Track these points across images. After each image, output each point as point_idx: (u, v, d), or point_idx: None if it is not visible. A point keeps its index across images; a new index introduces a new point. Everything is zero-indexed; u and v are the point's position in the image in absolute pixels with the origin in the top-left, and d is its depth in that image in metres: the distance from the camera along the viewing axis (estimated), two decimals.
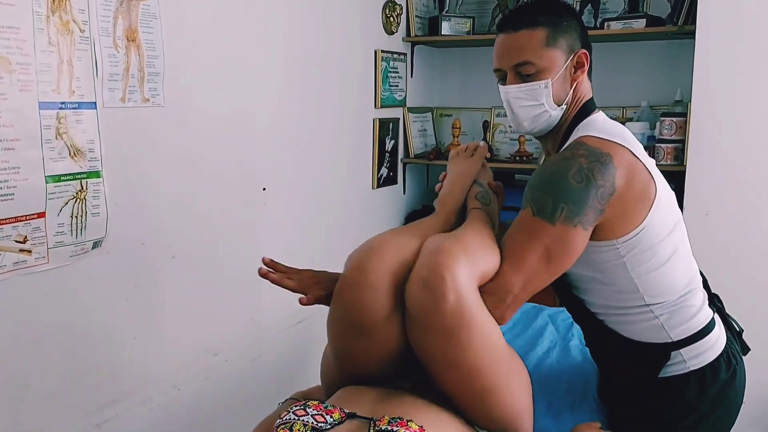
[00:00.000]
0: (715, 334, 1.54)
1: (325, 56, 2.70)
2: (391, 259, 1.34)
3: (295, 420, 1.23)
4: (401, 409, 1.27)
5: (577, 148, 1.42)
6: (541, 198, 1.38)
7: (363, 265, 1.34)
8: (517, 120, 1.57)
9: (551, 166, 1.44)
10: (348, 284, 1.35)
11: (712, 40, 2.51)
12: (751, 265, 2.55)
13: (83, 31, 1.70)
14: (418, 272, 1.28)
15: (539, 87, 1.50)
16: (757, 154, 2.51)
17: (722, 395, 1.53)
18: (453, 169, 1.71)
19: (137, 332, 1.97)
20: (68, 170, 1.69)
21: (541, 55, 1.49)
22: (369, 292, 1.31)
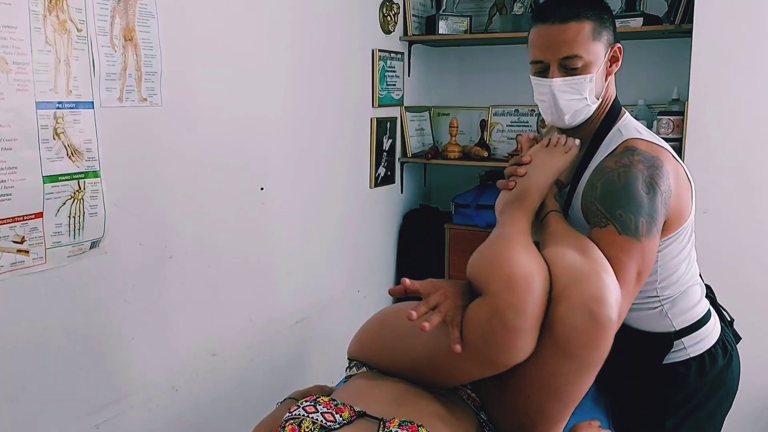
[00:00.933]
0: (712, 323, 1.63)
1: (322, 55, 2.69)
2: (538, 290, 1.25)
3: (304, 416, 1.22)
4: (414, 412, 1.27)
5: (631, 154, 1.46)
6: (623, 216, 1.39)
7: (520, 306, 1.23)
8: (558, 113, 1.55)
9: (617, 176, 1.43)
10: (503, 326, 1.24)
11: (709, 39, 2.51)
12: (749, 264, 2.56)
13: (80, 30, 1.70)
14: (583, 303, 1.23)
15: (585, 81, 1.50)
16: (754, 152, 2.51)
17: (720, 380, 1.62)
18: (545, 160, 1.57)
19: (135, 333, 1.96)
20: (66, 170, 1.69)
21: (588, 49, 1.49)
22: (522, 338, 1.24)
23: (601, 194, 1.44)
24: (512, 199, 1.53)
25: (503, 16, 3.24)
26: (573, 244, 1.35)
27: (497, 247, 1.33)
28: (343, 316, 2.98)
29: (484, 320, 1.25)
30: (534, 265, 1.27)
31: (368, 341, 1.57)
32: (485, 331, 1.25)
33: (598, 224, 1.41)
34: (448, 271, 3.32)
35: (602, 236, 1.39)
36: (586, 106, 1.54)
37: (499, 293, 1.24)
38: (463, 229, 3.26)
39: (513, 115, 3.40)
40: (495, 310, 1.23)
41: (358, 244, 3.08)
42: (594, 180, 1.48)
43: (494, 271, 1.27)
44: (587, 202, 1.47)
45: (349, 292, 3.04)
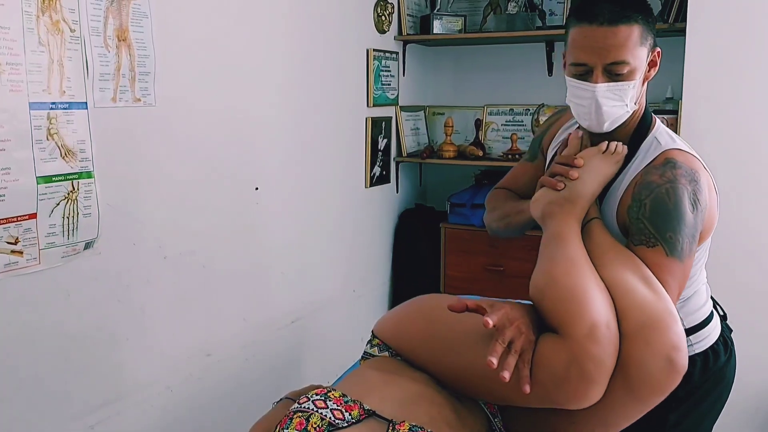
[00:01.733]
0: (714, 321, 1.65)
1: (317, 55, 2.69)
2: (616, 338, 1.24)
3: (313, 411, 1.21)
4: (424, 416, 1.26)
5: (673, 167, 1.43)
6: (673, 238, 1.38)
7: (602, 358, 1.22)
8: (599, 120, 1.47)
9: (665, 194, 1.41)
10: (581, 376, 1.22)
11: (703, 38, 2.52)
12: (744, 263, 2.56)
13: (74, 30, 1.70)
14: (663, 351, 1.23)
15: (628, 87, 1.44)
16: (747, 150, 2.52)
17: (722, 374, 1.65)
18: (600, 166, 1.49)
19: (130, 333, 1.96)
20: (59, 171, 1.69)
21: (635, 55, 1.42)
22: (598, 388, 1.23)
23: (650, 213, 1.41)
24: (560, 202, 1.46)
25: (497, 16, 3.24)
26: (633, 270, 1.34)
27: (571, 277, 1.30)
28: (338, 316, 2.98)
29: (561, 366, 1.23)
30: (610, 310, 1.26)
31: (409, 333, 1.51)
32: (560, 378, 1.23)
33: (645, 243, 1.40)
34: (444, 270, 3.32)
35: (650, 256, 1.38)
36: (626, 113, 1.48)
37: (580, 341, 1.22)
38: (458, 228, 3.26)
39: (508, 115, 3.40)
40: (574, 359, 1.21)
41: (354, 244, 3.08)
42: (641, 196, 1.44)
43: (573, 311, 1.25)
44: (633, 218, 1.43)
45: (345, 292, 3.04)
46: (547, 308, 1.30)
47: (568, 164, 1.50)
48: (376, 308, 3.30)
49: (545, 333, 1.30)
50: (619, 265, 1.35)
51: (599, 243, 1.41)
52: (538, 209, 1.51)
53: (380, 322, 1.60)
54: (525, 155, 1.88)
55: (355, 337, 2.96)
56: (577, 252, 1.36)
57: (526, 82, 3.37)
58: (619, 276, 1.32)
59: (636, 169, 1.50)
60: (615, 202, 1.50)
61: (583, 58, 1.44)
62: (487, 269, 3.20)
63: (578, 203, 1.46)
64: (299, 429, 1.17)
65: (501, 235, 1.83)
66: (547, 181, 1.51)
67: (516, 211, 1.70)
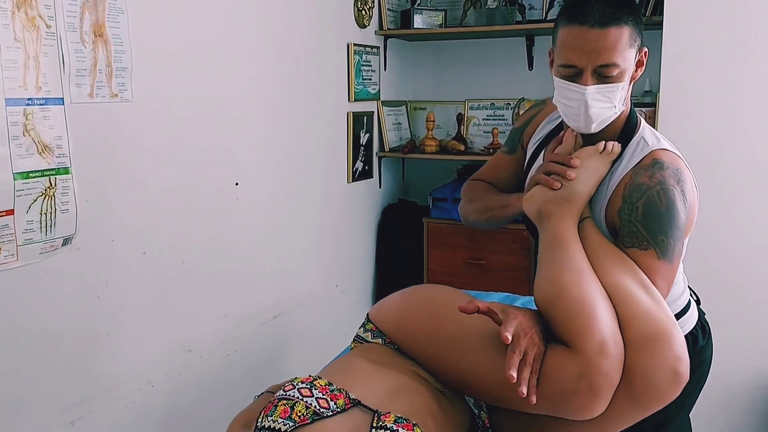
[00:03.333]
0: (692, 308, 1.69)
1: (297, 50, 2.69)
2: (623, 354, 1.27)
3: (298, 399, 1.21)
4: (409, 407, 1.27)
5: (661, 169, 1.46)
6: (665, 242, 1.42)
7: (612, 376, 1.24)
8: (587, 121, 1.47)
9: (657, 197, 1.42)
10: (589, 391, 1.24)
11: (679, 31, 2.54)
12: (720, 254, 2.59)
13: (49, 26, 1.69)
14: (669, 363, 1.26)
15: (617, 89, 1.44)
16: (723, 143, 2.54)
17: (701, 358, 1.67)
18: (597, 167, 1.50)
19: (109, 329, 1.96)
20: (36, 167, 1.68)
21: (625, 57, 1.42)
22: (605, 402, 1.26)
23: (643, 217, 1.43)
24: (558, 201, 1.46)
25: (477, 10, 3.25)
26: (632, 276, 1.37)
27: (579, 289, 1.32)
28: (321, 311, 2.99)
29: (570, 380, 1.24)
30: (615, 323, 1.29)
31: (410, 326, 1.50)
32: (569, 392, 1.25)
33: (637, 245, 1.42)
34: (426, 265, 3.33)
35: (642, 259, 1.42)
36: (614, 114, 1.48)
37: (591, 357, 1.24)
38: (441, 222, 3.28)
39: (489, 109, 3.42)
40: (584, 374, 1.23)
41: (336, 239, 3.08)
42: (632, 198, 1.45)
43: (583, 326, 1.26)
44: (625, 221, 1.45)
45: (328, 287, 3.05)
46: (556, 320, 1.32)
47: (564, 163, 1.50)
48: (360, 303, 3.31)
49: (553, 344, 1.31)
50: (618, 270, 1.37)
51: (596, 245, 1.43)
52: (534, 207, 1.50)
53: (378, 307, 1.60)
54: (503, 147, 1.88)
55: (338, 332, 2.97)
56: (582, 260, 1.38)
57: (507, 77, 3.39)
58: (621, 283, 1.34)
59: (624, 169, 1.50)
60: (603, 202, 1.51)
61: (573, 60, 1.43)
62: (468, 263, 3.21)
63: (576, 203, 1.47)
64: (284, 417, 1.18)
65: (478, 226, 1.84)
66: (543, 179, 1.51)
67: (500, 204, 1.70)
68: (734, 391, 2.67)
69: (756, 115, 2.50)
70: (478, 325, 1.38)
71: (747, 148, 2.53)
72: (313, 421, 1.17)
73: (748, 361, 2.62)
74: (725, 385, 2.63)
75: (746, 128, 2.51)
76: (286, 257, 2.73)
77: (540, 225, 1.49)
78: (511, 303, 2.26)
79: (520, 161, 1.80)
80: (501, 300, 2.30)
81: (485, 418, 1.45)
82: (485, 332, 1.37)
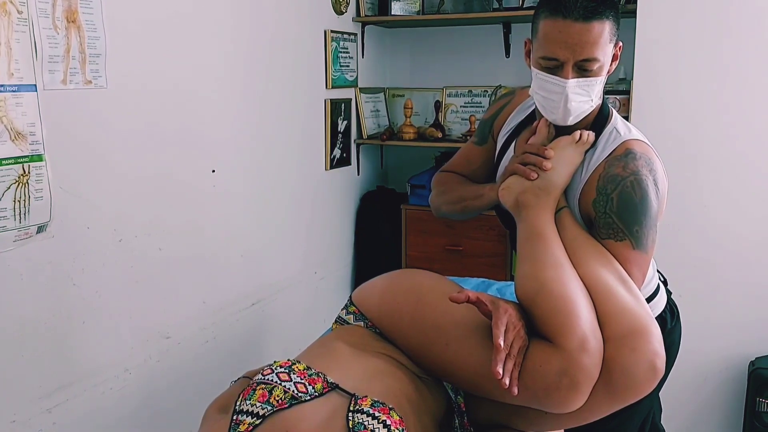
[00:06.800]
0: (661, 292, 1.73)
1: (273, 36, 2.68)
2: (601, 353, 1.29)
3: (277, 383, 1.22)
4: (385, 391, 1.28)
5: (633, 158, 1.47)
6: (640, 231, 1.44)
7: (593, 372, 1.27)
8: (565, 113, 1.48)
9: (631, 187, 1.44)
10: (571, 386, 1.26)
11: (653, 19, 2.57)
12: (692, 237, 2.63)
13: (21, 12, 1.67)
14: (647, 357, 1.28)
15: (596, 83, 1.45)
16: (698, 130, 2.58)
17: (670, 340, 1.67)
18: (573, 157, 1.52)
19: (86, 316, 1.96)
20: (9, 154, 1.67)
21: (605, 51, 1.43)
22: (584, 397, 1.28)
23: (618, 208, 1.44)
24: (535, 192, 1.48)
25: None
26: (611, 270, 1.40)
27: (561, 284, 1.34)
28: (299, 297, 3.00)
29: (552, 375, 1.27)
30: (595, 318, 1.31)
31: (395, 312, 1.50)
32: (550, 386, 1.27)
33: (613, 237, 1.44)
34: (405, 251, 3.35)
35: (617, 250, 1.44)
36: (590, 107, 1.50)
37: (572, 353, 1.26)
38: (419, 209, 3.29)
39: (467, 96, 3.43)
40: (566, 371, 1.25)
41: (314, 226, 3.09)
42: (607, 189, 1.46)
43: (565, 323, 1.29)
44: (600, 212, 1.46)
45: (306, 274, 3.06)
46: (538, 315, 1.33)
47: (539, 154, 1.51)
48: (339, 289, 3.32)
49: (535, 338, 1.33)
50: (597, 264, 1.40)
51: (574, 236, 1.45)
52: (512, 197, 1.52)
53: (362, 290, 1.60)
54: (473, 138, 1.88)
55: (317, 318, 2.98)
56: (561, 254, 1.41)
57: (484, 64, 3.40)
58: (600, 278, 1.37)
59: (597, 159, 1.52)
60: (576, 192, 1.53)
61: (555, 53, 1.43)
62: (446, 249, 3.24)
63: (552, 193, 1.49)
64: (262, 401, 1.18)
65: (450, 217, 1.85)
66: (519, 169, 1.52)
67: (474, 195, 1.71)
68: (704, 372, 2.72)
69: (729, 101, 2.53)
70: (463, 315, 1.39)
71: (720, 135, 2.56)
72: (291, 405, 1.18)
73: (718, 342, 2.68)
74: (695, 366, 2.68)
75: (719, 115, 2.55)
76: (264, 244, 2.73)
77: (518, 215, 1.51)
78: (488, 288, 2.30)
79: (490, 152, 1.81)
80: (477, 285, 2.32)
81: (461, 402, 1.47)
82: (470, 322, 1.38)
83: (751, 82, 2.50)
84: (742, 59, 2.49)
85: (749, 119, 2.52)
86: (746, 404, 2.65)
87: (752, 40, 2.47)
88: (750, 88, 2.50)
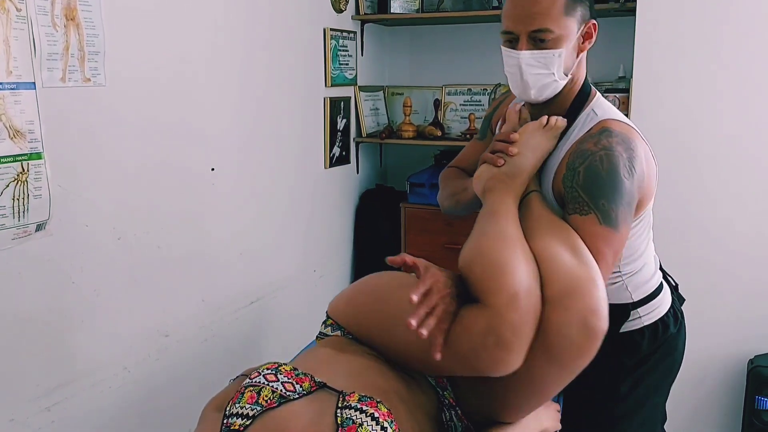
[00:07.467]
0: (664, 293, 1.70)
1: (273, 35, 2.68)
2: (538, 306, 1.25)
3: (264, 384, 1.22)
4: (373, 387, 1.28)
5: (608, 135, 1.45)
6: (606, 206, 1.39)
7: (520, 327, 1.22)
8: (524, 87, 1.52)
9: (599, 162, 1.41)
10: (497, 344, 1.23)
11: (652, 17, 2.56)
12: (690, 237, 2.63)
13: (20, 10, 1.67)
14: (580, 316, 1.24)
15: (553, 56, 1.47)
16: (698, 128, 2.58)
17: (671, 346, 1.70)
18: (541, 141, 1.53)
19: (84, 315, 1.95)
20: (8, 152, 1.67)
21: (560, 23, 1.45)
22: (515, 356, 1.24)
23: (584, 181, 1.42)
24: (501, 177, 1.49)
25: None
26: (563, 240, 1.35)
27: (498, 251, 1.30)
28: (299, 296, 3.00)
29: (478, 334, 1.24)
30: (533, 280, 1.27)
31: (360, 312, 1.53)
32: (478, 345, 1.24)
33: (578, 211, 1.41)
34: (404, 249, 3.34)
35: (582, 224, 1.40)
36: (554, 82, 1.51)
37: (499, 310, 1.23)
38: (418, 208, 3.29)
39: (466, 95, 3.43)
40: (492, 328, 1.22)
41: (314, 225, 3.09)
42: (575, 164, 1.45)
43: (495, 282, 1.25)
44: (568, 187, 1.45)
45: (306, 272, 3.06)
46: (472, 281, 1.31)
47: (506, 140, 1.53)
48: (338, 288, 3.32)
49: (468, 304, 1.30)
50: (548, 235, 1.36)
51: (536, 216, 1.43)
52: (480, 185, 1.54)
53: (334, 301, 1.62)
54: (477, 134, 1.91)
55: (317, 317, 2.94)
56: (508, 226, 1.38)
57: (484, 62, 3.39)
58: (547, 245, 1.33)
59: (573, 140, 1.52)
60: (552, 174, 1.52)
61: (509, 26, 1.49)
62: (445, 247, 3.23)
63: (518, 178, 1.49)
64: (251, 402, 1.19)
65: (453, 212, 1.85)
66: (488, 157, 1.54)
67: (462, 188, 1.73)
68: (704, 370, 2.72)
69: (728, 99, 2.53)
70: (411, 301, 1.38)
71: (719, 132, 2.56)
72: (280, 404, 1.18)
73: (717, 339, 2.67)
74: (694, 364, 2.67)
75: (719, 113, 2.55)
76: (263, 242, 2.73)
77: (483, 201, 1.51)
78: None
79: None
80: None
81: (450, 397, 1.47)
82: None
83: (750, 79, 2.49)
84: (742, 57, 2.49)
85: (748, 117, 2.52)
86: (745, 402, 2.65)
87: (751, 38, 2.47)
88: (749, 85, 2.50)
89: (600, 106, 1.56)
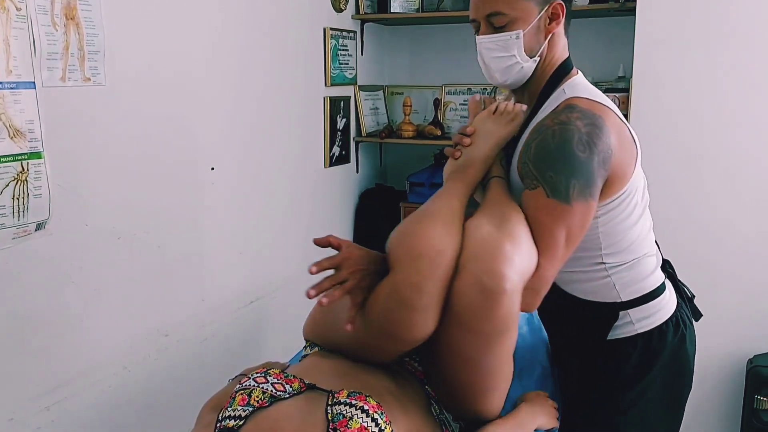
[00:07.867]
0: (665, 298, 1.59)
1: (272, 34, 2.68)
2: (445, 268, 1.23)
3: (254, 387, 1.24)
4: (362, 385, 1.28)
5: (570, 111, 1.41)
6: (553, 178, 1.35)
7: (420, 284, 1.22)
8: (489, 71, 1.55)
9: (551, 135, 1.38)
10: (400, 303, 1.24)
11: (652, 16, 2.57)
12: (689, 237, 2.63)
13: (19, 9, 1.67)
14: (476, 276, 1.21)
15: (510, 38, 1.48)
16: (697, 127, 2.58)
17: (671, 362, 1.57)
18: (492, 129, 1.54)
19: (84, 314, 1.95)
20: (8, 151, 1.66)
21: (513, 6, 1.46)
22: (420, 315, 1.24)
23: (534, 155, 1.39)
24: (456, 169, 1.51)
25: None
26: (495, 213, 1.33)
27: (414, 222, 1.32)
28: (298, 296, 2.94)
29: (383, 297, 1.26)
30: (446, 241, 1.25)
31: (313, 322, 1.60)
32: (383, 308, 1.26)
33: (528, 186, 1.38)
34: None
35: (530, 199, 1.37)
36: (516, 64, 1.50)
37: (402, 270, 1.24)
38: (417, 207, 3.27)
39: (466, 94, 3.43)
40: (394, 288, 1.24)
41: (314, 224, 3.09)
42: (530, 140, 1.43)
43: (405, 247, 1.26)
44: (522, 162, 1.42)
45: (305, 272, 3.00)
46: (389, 253, 1.31)
47: (464, 133, 1.55)
48: None
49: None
50: (485, 214, 1.34)
51: (488, 199, 1.42)
52: (444, 180, 1.55)
53: (305, 322, 1.65)
54: None
55: None
56: (438, 205, 1.37)
57: None
58: (477, 221, 1.31)
59: (539, 120, 1.48)
60: (517, 156, 1.50)
61: (471, 14, 1.54)
62: None
63: (471, 168, 1.50)
64: (242, 404, 1.21)
65: None
66: (448, 151, 1.57)
67: None
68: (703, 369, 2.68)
69: (728, 98, 2.53)
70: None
71: (718, 132, 2.56)
72: (271, 403, 1.20)
73: (717, 339, 2.66)
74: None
75: (718, 112, 2.55)
76: (263, 242, 2.73)
77: None
78: None
79: None
80: None
81: (431, 391, 1.47)
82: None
83: (750, 78, 2.50)
84: (741, 56, 2.49)
85: (748, 116, 2.52)
86: (744, 402, 2.65)
87: (751, 37, 2.47)
88: (749, 84, 2.50)
89: (572, 85, 1.53)
